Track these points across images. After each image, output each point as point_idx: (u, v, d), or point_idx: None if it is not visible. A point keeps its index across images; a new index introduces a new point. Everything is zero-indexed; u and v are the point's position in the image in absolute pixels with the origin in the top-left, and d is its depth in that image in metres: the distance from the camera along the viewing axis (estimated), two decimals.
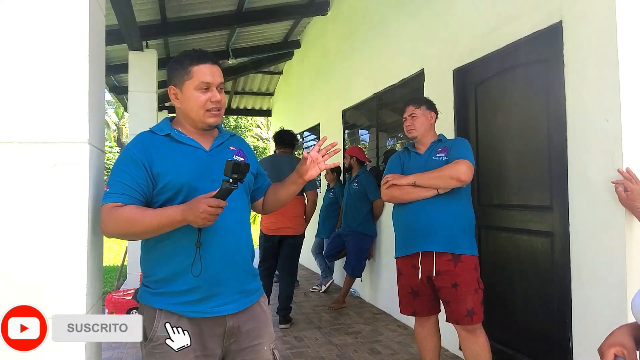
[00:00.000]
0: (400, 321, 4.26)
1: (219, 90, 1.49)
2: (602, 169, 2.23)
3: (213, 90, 1.48)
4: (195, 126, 1.52)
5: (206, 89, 1.47)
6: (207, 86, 1.47)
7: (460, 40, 3.40)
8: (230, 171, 1.29)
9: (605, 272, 2.23)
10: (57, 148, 1.35)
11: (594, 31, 2.29)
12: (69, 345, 1.33)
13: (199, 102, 1.47)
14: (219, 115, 1.52)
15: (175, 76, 1.50)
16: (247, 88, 10.35)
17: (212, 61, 1.49)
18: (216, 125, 1.55)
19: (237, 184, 1.31)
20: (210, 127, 1.54)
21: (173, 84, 1.51)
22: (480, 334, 2.44)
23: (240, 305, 1.50)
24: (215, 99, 1.47)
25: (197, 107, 1.47)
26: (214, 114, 1.49)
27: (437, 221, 2.40)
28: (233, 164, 1.30)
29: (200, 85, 1.46)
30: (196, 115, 1.49)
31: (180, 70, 1.48)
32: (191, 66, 1.47)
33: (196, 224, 1.34)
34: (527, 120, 2.83)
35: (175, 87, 1.50)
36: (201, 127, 1.52)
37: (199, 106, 1.47)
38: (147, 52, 5.79)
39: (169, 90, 1.52)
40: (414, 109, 2.61)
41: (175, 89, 1.50)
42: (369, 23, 5.16)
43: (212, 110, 1.49)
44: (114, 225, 1.37)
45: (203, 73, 1.46)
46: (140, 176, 1.41)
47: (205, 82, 1.46)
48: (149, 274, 1.49)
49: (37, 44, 1.35)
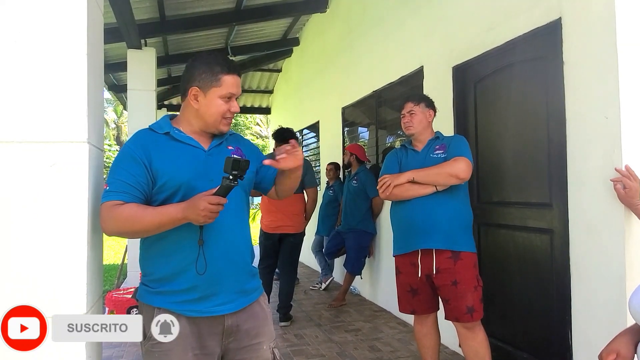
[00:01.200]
0: (400, 318, 4.27)
1: (236, 101, 1.55)
2: (601, 166, 2.23)
3: (234, 100, 1.52)
4: (206, 129, 1.53)
5: (229, 98, 1.51)
6: (231, 96, 1.51)
7: (459, 38, 3.40)
8: (230, 168, 1.30)
9: (604, 269, 2.24)
10: (56, 147, 1.35)
11: (593, 28, 2.28)
12: (69, 345, 1.33)
13: (221, 110, 1.50)
14: (231, 123, 1.58)
15: (202, 79, 1.48)
16: (247, 86, 10.33)
17: (239, 73, 1.54)
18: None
19: (237, 181, 1.32)
20: (221, 134, 1.57)
21: (197, 85, 1.48)
22: (480, 331, 2.44)
23: (239, 304, 1.50)
24: (234, 109, 1.52)
25: (217, 113, 1.50)
26: (228, 122, 1.55)
27: (436, 219, 2.40)
28: (233, 160, 1.30)
29: (226, 95, 1.49)
30: (213, 121, 1.51)
31: (210, 75, 1.48)
32: (222, 74, 1.48)
33: (197, 222, 1.34)
34: (526, 118, 2.82)
35: (199, 89, 1.48)
36: (212, 132, 1.55)
37: (219, 113, 1.50)
38: (146, 50, 5.78)
39: (190, 90, 1.49)
40: (412, 106, 2.60)
41: (198, 91, 1.49)
42: (368, 20, 5.16)
43: (228, 119, 1.53)
44: (114, 223, 1.37)
45: (232, 84, 1.50)
46: (140, 174, 1.41)
47: (231, 93, 1.50)
48: (148, 273, 1.49)
49: (34, 42, 1.35)
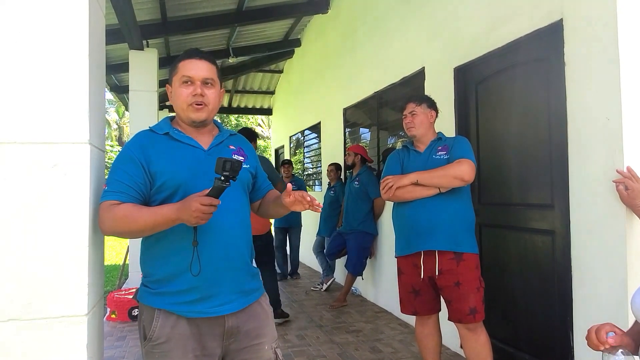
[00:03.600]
0: (402, 319, 4.26)
1: (204, 86, 1.49)
2: (603, 167, 2.23)
3: (195, 84, 1.48)
4: (186, 123, 1.53)
5: (189, 82, 1.48)
6: (188, 80, 1.48)
7: (461, 39, 3.40)
8: (220, 169, 1.28)
9: (606, 270, 2.23)
10: (57, 148, 1.35)
11: (594, 29, 2.28)
12: (70, 345, 1.33)
13: (182, 96, 1.48)
14: (202, 110, 1.49)
15: (170, 74, 1.55)
16: (248, 87, 10.35)
17: (199, 57, 1.50)
18: (200, 121, 1.51)
19: (229, 182, 1.29)
20: (195, 123, 1.51)
21: (168, 82, 1.56)
22: (482, 332, 2.44)
23: (239, 305, 1.50)
24: (195, 92, 1.47)
25: (180, 101, 1.49)
26: (196, 108, 1.48)
27: (438, 220, 2.40)
28: (224, 161, 1.28)
29: (182, 79, 1.48)
30: (181, 111, 1.51)
31: (173, 67, 1.53)
32: (179, 62, 1.51)
33: (190, 223, 1.33)
34: (527, 119, 2.82)
35: (169, 85, 1.56)
36: (188, 123, 1.52)
37: (181, 100, 1.48)
38: (148, 51, 5.80)
39: (167, 89, 1.57)
40: (414, 107, 2.59)
41: (169, 87, 1.56)
42: (369, 21, 5.16)
43: (193, 104, 1.48)
44: (111, 223, 1.37)
45: (186, 68, 1.48)
46: (138, 175, 1.42)
47: (186, 76, 1.47)
48: (148, 274, 1.49)
49: (36, 44, 1.35)
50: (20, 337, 1.29)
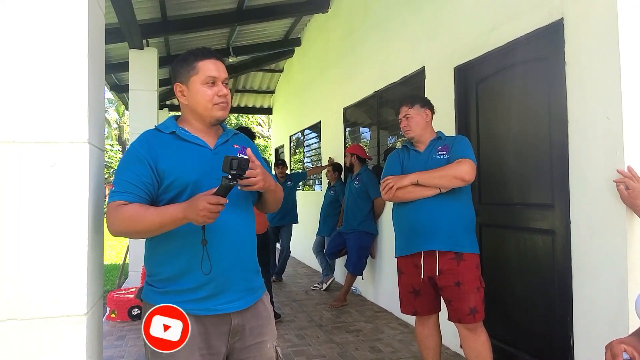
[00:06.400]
0: (402, 319, 4.26)
1: (224, 85, 1.52)
2: (604, 167, 2.22)
3: (219, 84, 1.51)
4: (203, 121, 1.53)
5: (212, 83, 1.50)
6: (213, 80, 1.49)
7: (461, 38, 3.39)
8: (228, 167, 1.29)
9: (606, 270, 2.23)
10: (56, 147, 1.35)
11: (595, 29, 2.28)
12: (69, 345, 1.33)
13: (207, 96, 1.49)
14: (227, 109, 1.54)
15: (180, 73, 1.52)
16: (248, 86, 10.35)
17: (216, 57, 1.53)
18: (224, 119, 1.57)
19: (236, 180, 1.30)
20: (219, 121, 1.55)
21: (179, 81, 1.53)
22: (482, 332, 2.43)
23: (246, 302, 1.51)
24: (222, 92, 1.50)
25: (205, 101, 1.49)
26: (222, 106, 1.52)
27: (438, 220, 2.39)
28: (231, 159, 1.29)
29: (207, 80, 1.49)
30: (204, 110, 1.51)
31: (186, 67, 1.51)
32: (196, 62, 1.50)
33: (197, 222, 1.33)
34: (528, 118, 2.82)
35: (181, 84, 1.53)
36: (209, 122, 1.53)
37: (206, 100, 1.49)
38: (148, 51, 5.80)
39: (175, 88, 1.54)
40: (407, 110, 2.59)
41: (181, 86, 1.53)
42: (369, 20, 5.15)
43: (220, 104, 1.51)
44: (118, 223, 1.38)
45: (209, 68, 1.49)
46: (145, 174, 1.42)
47: (211, 77, 1.49)
48: (154, 273, 1.49)
49: (35, 43, 1.34)
50: (19, 336, 1.29)
